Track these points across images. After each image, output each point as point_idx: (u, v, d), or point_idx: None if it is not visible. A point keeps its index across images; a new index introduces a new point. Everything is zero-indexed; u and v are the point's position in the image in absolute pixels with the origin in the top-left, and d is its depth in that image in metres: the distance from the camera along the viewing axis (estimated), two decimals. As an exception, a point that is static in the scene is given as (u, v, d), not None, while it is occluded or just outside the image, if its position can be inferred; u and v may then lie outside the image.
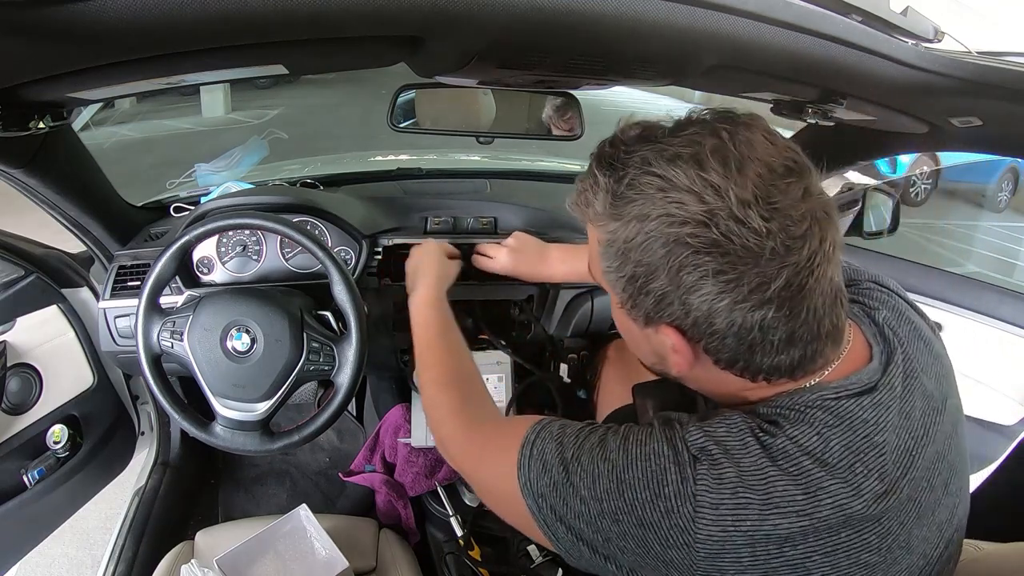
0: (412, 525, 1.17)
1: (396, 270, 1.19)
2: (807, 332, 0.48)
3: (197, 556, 1.00)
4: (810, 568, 0.46)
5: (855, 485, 0.47)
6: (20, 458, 1.04)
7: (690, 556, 0.47)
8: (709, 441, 0.48)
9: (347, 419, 1.62)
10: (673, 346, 0.51)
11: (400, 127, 1.21)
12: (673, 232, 0.45)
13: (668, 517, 0.47)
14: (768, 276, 0.44)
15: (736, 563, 0.47)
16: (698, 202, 0.44)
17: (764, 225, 0.43)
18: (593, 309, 1.24)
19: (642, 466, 0.49)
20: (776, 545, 0.46)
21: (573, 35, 0.59)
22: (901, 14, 0.63)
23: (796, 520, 0.46)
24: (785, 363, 0.49)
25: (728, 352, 0.49)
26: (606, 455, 0.51)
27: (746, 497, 0.46)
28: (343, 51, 0.64)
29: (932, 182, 5.79)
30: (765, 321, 0.46)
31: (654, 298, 0.49)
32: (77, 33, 0.44)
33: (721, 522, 0.46)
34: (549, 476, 0.53)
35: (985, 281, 1.29)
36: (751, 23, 0.58)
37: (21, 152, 0.86)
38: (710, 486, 0.47)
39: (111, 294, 1.09)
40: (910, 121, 0.88)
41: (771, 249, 0.44)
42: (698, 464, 0.48)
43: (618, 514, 0.49)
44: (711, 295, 0.46)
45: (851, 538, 0.47)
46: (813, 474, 0.46)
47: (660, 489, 0.48)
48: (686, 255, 0.45)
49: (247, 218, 0.95)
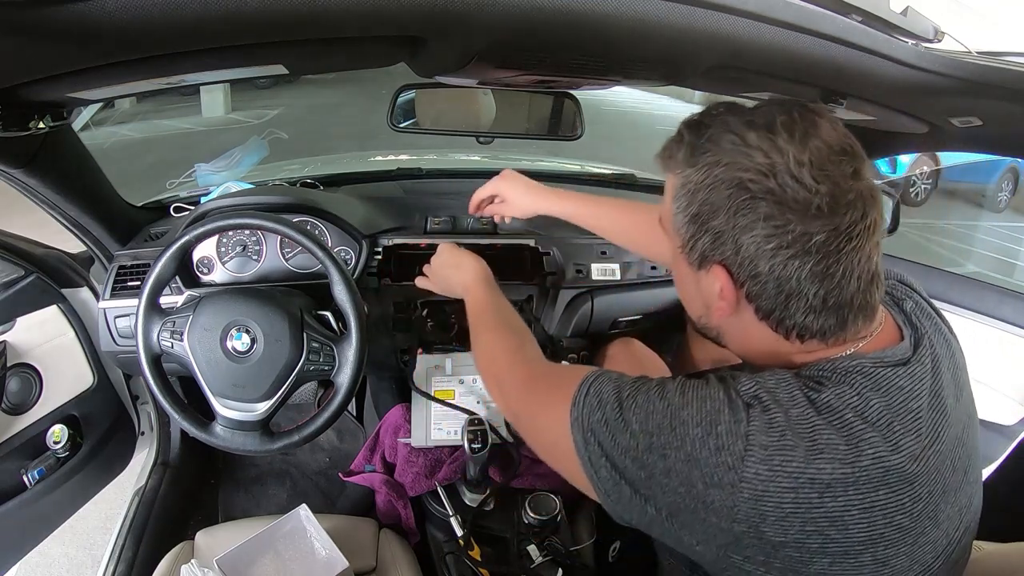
0: (412, 525, 1.17)
1: (396, 270, 1.19)
2: (840, 297, 0.52)
3: (197, 556, 1.00)
4: (848, 523, 0.48)
5: (893, 441, 0.50)
6: (20, 458, 1.04)
7: (732, 497, 0.49)
8: (761, 390, 0.52)
9: (347, 419, 1.62)
10: (720, 290, 0.55)
11: (400, 127, 1.21)
12: (737, 177, 0.52)
13: (718, 454, 0.50)
14: (810, 230, 0.50)
15: (778, 509, 0.48)
16: (763, 157, 0.51)
17: (814, 185, 0.50)
18: (593, 309, 1.24)
19: (697, 405, 0.52)
20: (818, 492, 0.48)
21: (573, 35, 0.59)
22: (901, 14, 0.63)
23: (839, 467, 0.48)
24: (816, 325, 0.53)
25: (767, 300, 0.54)
26: (663, 395, 0.54)
27: (793, 441, 0.49)
28: (343, 51, 0.64)
29: (932, 182, 5.78)
30: (803, 273, 0.51)
31: (712, 236, 0.55)
32: (77, 33, 0.45)
33: (769, 461, 0.48)
34: (602, 412, 0.56)
35: (985, 281, 1.29)
36: (751, 23, 0.58)
37: (21, 152, 0.86)
38: (761, 428, 0.49)
39: (111, 294, 1.09)
40: (910, 121, 0.88)
41: (817, 206, 0.50)
42: (751, 409, 0.51)
43: (666, 448, 0.51)
44: (759, 237, 0.51)
45: (888, 498, 0.49)
46: (856, 426, 0.50)
47: (713, 427, 0.50)
48: (744, 198, 0.52)
49: (247, 218, 0.95)
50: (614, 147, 5.56)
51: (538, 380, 0.70)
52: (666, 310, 1.32)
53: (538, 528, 0.98)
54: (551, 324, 1.25)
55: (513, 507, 1.04)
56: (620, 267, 1.26)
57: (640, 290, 1.28)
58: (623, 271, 1.26)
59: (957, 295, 1.27)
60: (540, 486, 1.09)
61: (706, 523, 0.50)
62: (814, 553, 0.49)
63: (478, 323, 0.89)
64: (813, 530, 0.49)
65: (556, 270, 1.22)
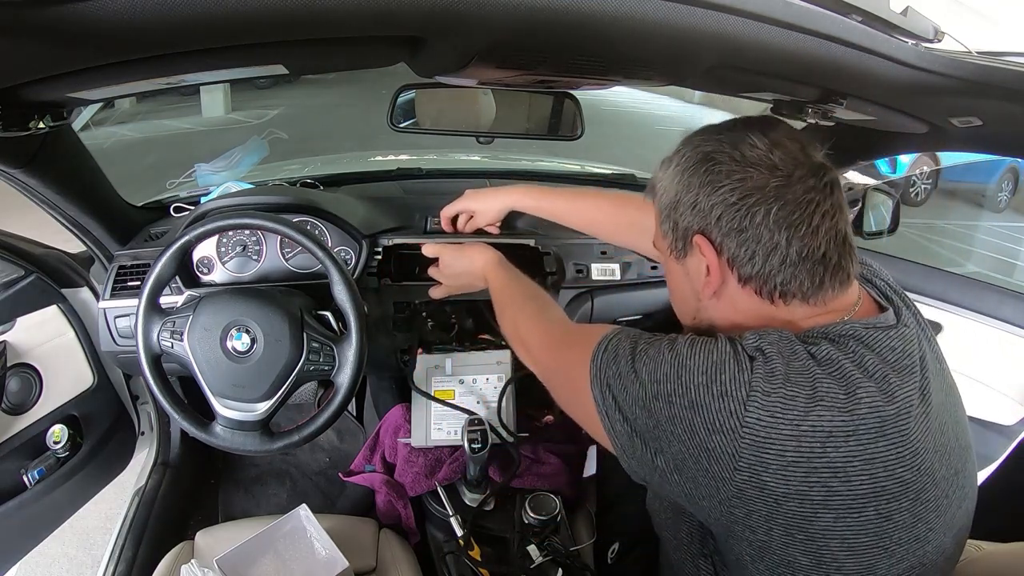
0: (412, 525, 1.17)
1: (396, 270, 1.19)
2: (812, 250, 0.56)
3: (197, 556, 1.00)
4: (850, 474, 0.50)
5: (888, 392, 0.52)
6: (20, 458, 1.04)
7: (735, 443, 0.50)
8: (763, 342, 0.54)
9: (347, 419, 1.62)
10: (707, 265, 0.60)
11: (400, 127, 1.21)
12: (702, 151, 0.60)
13: (720, 400, 0.51)
14: (768, 179, 0.56)
15: (780, 457, 0.49)
16: (718, 134, 0.60)
17: (770, 147, 0.57)
18: (593, 309, 1.24)
19: (704, 356, 0.54)
20: (820, 442, 0.50)
21: (573, 35, 0.59)
22: (901, 14, 0.63)
23: (838, 415, 0.50)
24: (795, 283, 0.57)
25: (747, 261, 0.57)
26: (673, 347, 0.57)
27: (794, 390, 0.51)
28: (343, 51, 0.64)
29: (932, 182, 5.78)
30: (768, 219, 0.56)
31: (687, 209, 0.60)
32: (77, 33, 0.44)
33: (771, 408, 0.50)
34: (617, 366, 0.58)
35: (985, 281, 1.29)
36: (751, 23, 0.58)
37: (21, 152, 0.86)
38: (763, 376, 0.52)
39: (111, 294, 1.09)
40: (910, 121, 0.88)
41: (772, 163, 0.57)
42: (754, 360, 0.53)
43: (672, 396, 0.53)
44: (725, 191, 0.57)
45: (887, 449, 0.51)
46: (853, 375, 0.52)
47: (717, 375, 0.53)
48: (709, 165, 0.59)
49: (247, 218, 0.95)
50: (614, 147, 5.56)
51: (560, 339, 0.74)
52: (666, 310, 1.31)
53: (538, 528, 0.98)
54: (551, 324, 1.24)
55: (513, 507, 1.04)
56: (620, 267, 1.26)
57: (640, 290, 1.28)
58: (623, 271, 1.26)
59: (957, 295, 1.27)
60: (540, 486, 1.09)
61: (709, 473, 0.51)
62: (817, 507, 0.50)
63: (501, 300, 0.92)
64: (816, 481, 0.50)
65: (556, 270, 1.22)
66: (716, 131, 0.61)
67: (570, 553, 0.98)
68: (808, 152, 0.58)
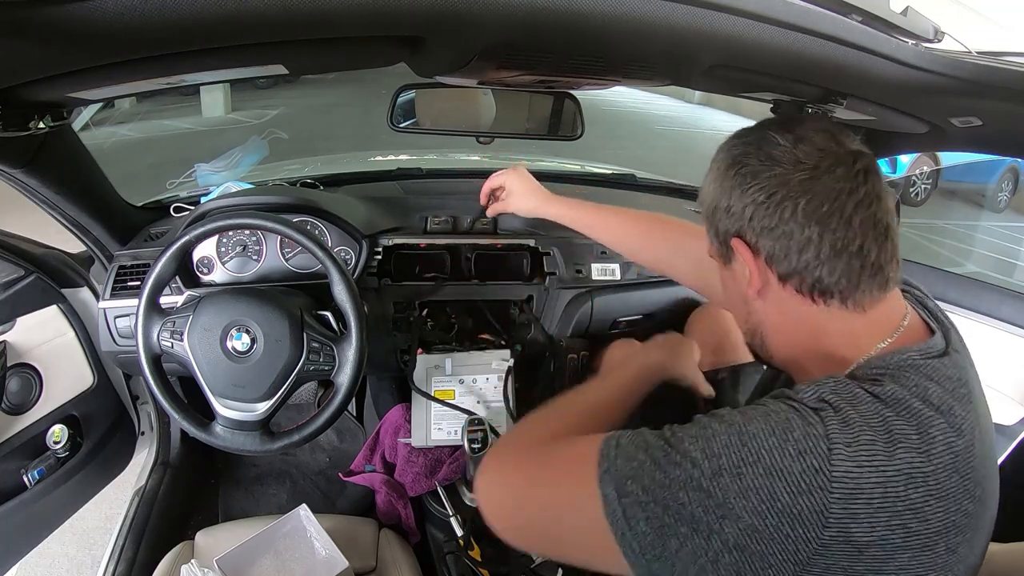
0: (412, 525, 1.17)
1: (396, 270, 1.20)
2: (846, 243, 0.55)
3: (197, 556, 1.00)
4: (927, 513, 0.48)
5: (956, 426, 0.51)
6: (20, 458, 1.04)
7: (823, 500, 0.47)
8: (824, 392, 0.52)
9: (347, 419, 1.62)
10: (748, 271, 0.60)
11: (400, 127, 1.21)
12: (731, 155, 0.60)
13: (801, 459, 0.47)
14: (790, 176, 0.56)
15: (868, 505, 0.47)
16: (748, 135, 0.61)
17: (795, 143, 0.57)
18: (593, 309, 1.24)
19: (763, 419, 0.50)
20: (903, 485, 0.48)
21: (573, 35, 0.59)
22: (901, 14, 0.63)
23: (916, 457, 0.49)
24: (832, 278, 0.56)
25: (783, 259, 0.57)
26: (721, 420, 0.52)
27: (871, 436, 0.48)
28: (343, 51, 0.64)
29: (932, 182, 5.78)
30: (797, 214, 0.55)
31: (724, 214, 0.60)
32: (77, 33, 0.44)
33: (856, 458, 0.47)
34: (646, 454, 0.51)
35: (985, 281, 1.29)
36: (751, 23, 0.58)
37: (21, 152, 0.86)
38: (838, 427, 0.49)
39: (111, 294, 1.09)
40: (910, 121, 0.88)
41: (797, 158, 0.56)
42: (820, 412, 0.50)
43: (741, 466, 0.48)
44: (755, 190, 0.57)
45: (957, 484, 0.50)
46: (924, 413, 0.50)
47: (788, 435, 0.49)
48: (739, 167, 0.59)
49: (247, 218, 0.95)
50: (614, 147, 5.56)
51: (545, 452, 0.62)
52: (666, 310, 1.32)
53: (538, 528, 0.98)
54: (551, 324, 1.25)
55: (513, 507, 1.04)
56: (620, 267, 1.26)
57: (640, 290, 1.28)
58: (623, 271, 1.26)
59: (957, 295, 1.27)
60: (540, 486, 1.09)
61: (788, 539, 0.47)
62: (896, 548, 0.48)
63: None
64: (898, 524, 0.48)
65: (556, 270, 1.22)
66: (746, 133, 0.61)
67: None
68: (840, 141, 0.58)
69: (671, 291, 1.29)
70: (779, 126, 0.59)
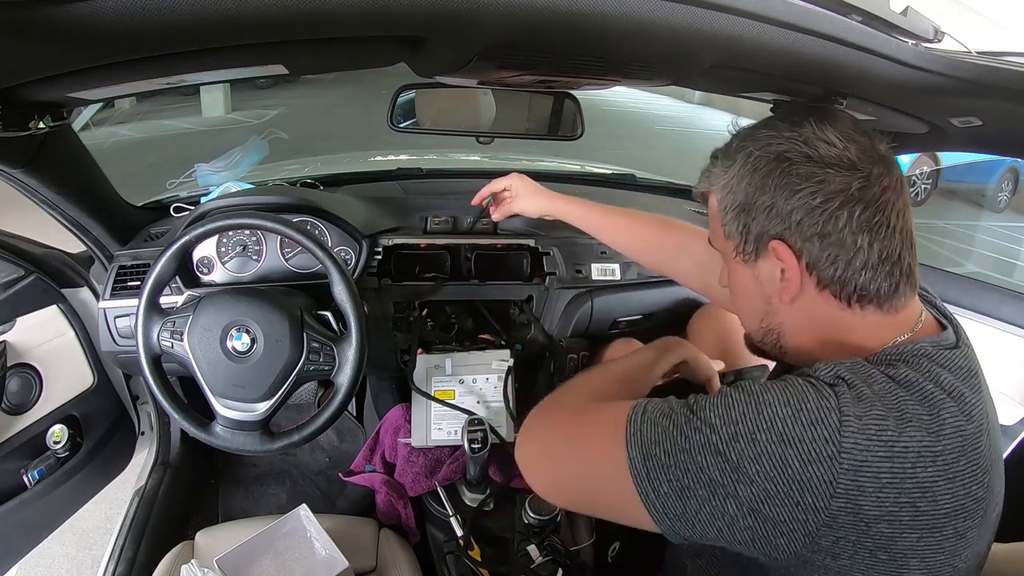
0: (412, 525, 1.17)
1: (396, 270, 1.20)
2: (891, 251, 0.56)
3: (197, 556, 1.00)
4: (936, 493, 0.49)
5: (966, 411, 0.52)
6: (20, 458, 1.04)
7: (832, 470, 0.48)
8: (840, 370, 0.53)
9: (347, 419, 1.62)
10: (782, 269, 0.58)
11: (400, 127, 1.21)
12: (774, 151, 0.58)
13: (813, 428, 0.49)
14: (848, 180, 0.55)
15: (875, 479, 0.48)
16: (791, 132, 0.58)
17: (842, 142, 0.56)
18: (593, 309, 1.24)
19: (779, 391, 0.52)
20: (911, 462, 0.49)
21: (573, 35, 0.59)
22: (901, 14, 0.63)
23: (926, 437, 0.50)
24: (874, 285, 0.56)
25: (827, 263, 0.56)
26: (741, 390, 0.54)
27: (883, 411, 0.50)
28: (343, 51, 0.64)
29: (932, 182, 5.78)
30: (852, 224, 0.55)
31: (763, 213, 0.58)
32: (77, 33, 0.44)
33: (866, 431, 0.49)
34: (670, 419, 0.54)
35: (985, 281, 1.29)
36: (751, 23, 0.58)
37: (21, 152, 0.86)
38: (851, 401, 0.50)
39: (111, 294, 1.09)
40: (910, 121, 0.88)
41: (848, 159, 0.55)
42: (835, 387, 0.51)
43: (756, 432, 0.50)
44: (806, 195, 0.56)
45: (966, 468, 0.51)
46: (935, 395, 0.52)
47: (802, 405, 0.50)
48: (784, 166, 0.57)
49: (247, 218, 0.95)
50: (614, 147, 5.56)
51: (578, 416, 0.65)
52: (666, 310, 1.32)
53: (538, 528, 0.98)
54: (551, 324, 1.25)
55: (513, 507, 1.04)
56: (620, 267, 1.26)
57: (640, 290, 1.28)
58: (623, 271, 1.26)
59: (957, 295, 1.27)
60: (540, 486, 1.09)
61: (799, 507, 0.49)
62: (904, 527, 0.49)
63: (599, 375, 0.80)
64: (906, 501, 0.49)
65: (556, 270, 1.22)
66: (784, 127, 0.59)
67: (570, 553, 0.98)
68: (876, 146, 0.57)
69: (671, 291, 1.29)
70: (824, 121, 0.58)
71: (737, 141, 0.62)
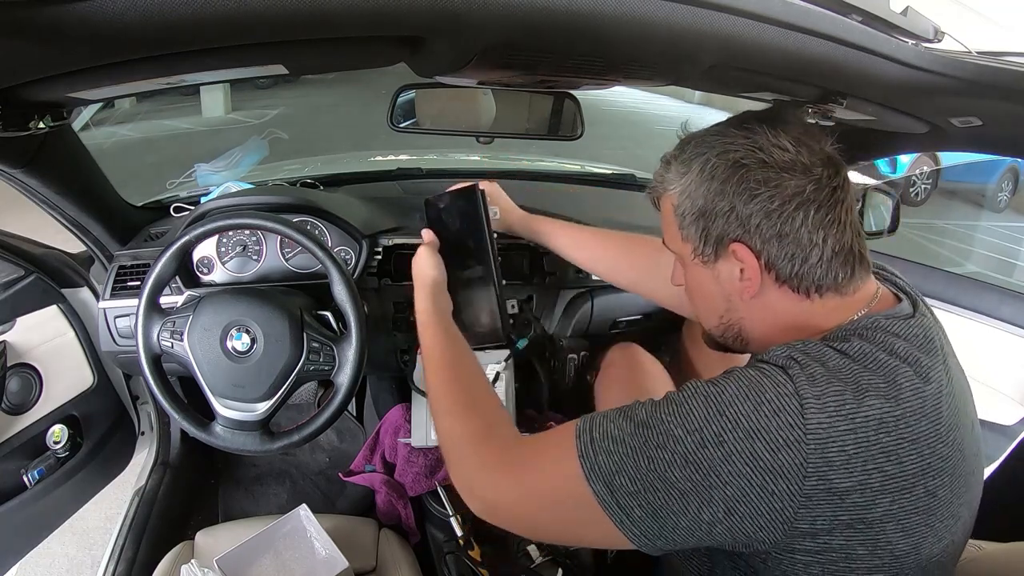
0: (412, 525, 1.17)
1: (396, 270, 1.19)
2: (844, 243, 0.59)
3: (197, 556, 1.00)
4: (901, 456, 0.51)
5: (922, 374, 0.54)
6: (20, 458, 1.04)
7: (801, 453, 0.50)
8: (792, 351, 0.55)
9: (347, 419, 1.62)
10: (742, 269, 0.60)
11: (400, 127, 1.21)
12: (730, 158, 0.60)
13: (776, 416, 0.50)
14: (802, 183, 0.58)
15: (842, 452, 0.50)
16: (745, 139, 0.60)
17: (793, 148, 0.59)
18: (593, 309, 1.24)
19: (735, 386, 0.53)
20: (874, 430, 0.51)
21: (573, 35, 0.59)
22: (901, 14, 0.63)
23: (885, 403, 0.51)
24: (831, 275, 0.59)
25: (786, 261, 0.59)
26: (695, 394, 0.54)
27: (838, 387, 0.52)
28: (343, 51, 0.64)
29: (932, 182, 5.78)
30: (808, 223, 0.58)
31: (722, 217, 0.60)
32: (77, 33, 0.44)
33: (826, 409, 0.50)
34: (623, 446, 0.54)
35: (985, 281, 1.29)
36: (751, 23, 0.58)
37: (21, 152, 0.86)
38: (805, 382, 0.52)
39: (111, 294, 1.09)
40: (910, 121, 0.88)
41: (801, 164, 0.58)
42: (788, 370, 0.53)
43: (722, 434, 0.51)
44: (763, 199, 0.58)
45: (929, 429, 0.53)
46: (889, 364, 0.54)
47: (761, 396, 0.51)
48: (742, 173, 0.59)
49: (247, 218, 0.95)
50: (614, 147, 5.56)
51: (515, 458, 0.63)
52: (665, 310, 1.32)
53: (538, 528, 0.98)
54: (551, 324, 1.25)
55: (513, 507, 1.04)
56: (620, 267, 1.26)
57: (640, 290, 1.28)
58: (623, 271, 1.26)
59: (956, 295, 1.27)
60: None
61: (774, 496, 0.50)
62: (876, 493, 0.50)
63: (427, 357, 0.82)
64: (873, 468, 0.50)
65: (556, 270, 1.22)
66: (737, 134, 0.61)
67: (570, 553, 0.98)
68: (821, 142, 0.60)
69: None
70: (768, 125, 0.60)
71: (691, 147, 0.64)
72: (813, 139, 0.60)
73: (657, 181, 0.68)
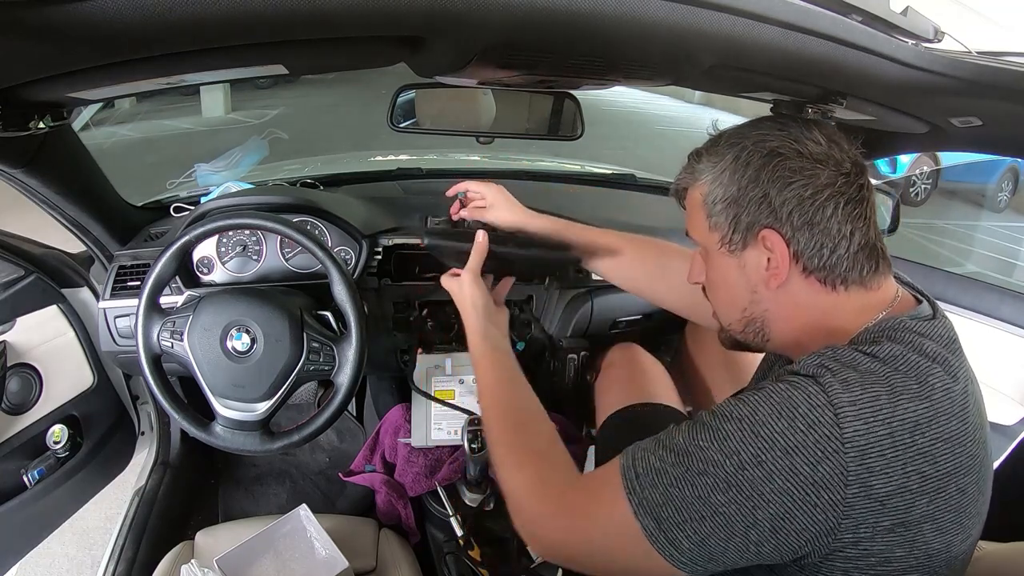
0: (412, 525, 1.17)
1: (396, 270, 1.20)
2: (869, 238, 0.60)
3: (197, 556, 1.00)
4: (936, 456, 0.51)
5: (951, 372, 0.55)
6: (20, 458, 1.04)
7: (841, 463, 0.50)
8: (822, 359, 0.55)
9: (347, 419, 1.62)
10: (769, 258, 0.61)
11: (400, 127, 1.21)
12: (766, 146, 0.61)
13: (813, 430, 0.50)
14: (834, 177, 0.60)
15: (881, 457, 0.50)
16: (779, 130, 0.62)
17: (826, 142, 0.61)
18: (593, 309, 1.24)
19: (766, 404, 0.53)
20: (909, 432, 0.51)
21: (573, 35, 0.59)
22: (901, 14, 0.63)
23: (919, 404, 0.52)
24: (858, 267, 0.60)
25: (815, 251, 0.60)
26: (728, 416, 0.54)
27: (873, 391, 0.52)
28: (343, 51, 0.64)
29: (932, 182, 5.78)
30: (839, 214, 0.59)
31: (755, 203, 0.61)
32: (77, 33, 0.44)
33: (862, 415, 0.50)
34: (666, 476, 0.55)
35: (985, 281, 1.29)
36: (751, 23, 0.58)
37: (21, 152, 0.86)
38: (839, 389, 0.52)
39: (111, 294, 1.09)
40: (910, 121, 0.88)
41: (833, 159, 0.60)
42: (818, 379, 0.53)
43: (760, 455, 0.51)
44: (797, 187, 0.59)
45: (960, 427, 0.53)
46: (920, 364, 0.54)
47: (794, 412, 0.51)
48: (777, 160, 0.60)
49: (247, 218, 0.95)
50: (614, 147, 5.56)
51: (573, 503, 0.63)
52: (665, 311, 1.32)
53: (538, 528, 0.98)
54: (551, 324, 1.25)
55: (513, 507, 1.04)
56: (620, 267, 1.26)
57: (640, 290, 1.28)
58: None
59: (956, 295, 1.27)
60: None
61: (817, 508, 0.50)
62: (915, 495, 0.51)
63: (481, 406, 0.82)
64: (912, 470, 0.51)
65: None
66: (772, 126, 0.63)
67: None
68: (852, 149, 0.63)
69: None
70: (803, 122, 0.63)
71: (725, 140, 0.65)
72: (843, 139, 0.62)
73: (687, 173, 0.69)
